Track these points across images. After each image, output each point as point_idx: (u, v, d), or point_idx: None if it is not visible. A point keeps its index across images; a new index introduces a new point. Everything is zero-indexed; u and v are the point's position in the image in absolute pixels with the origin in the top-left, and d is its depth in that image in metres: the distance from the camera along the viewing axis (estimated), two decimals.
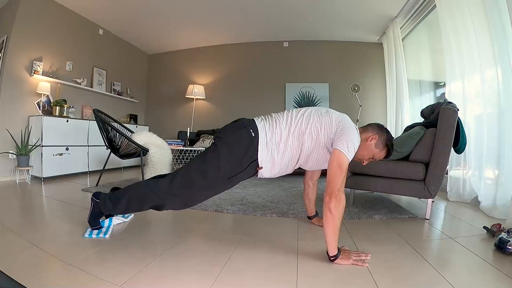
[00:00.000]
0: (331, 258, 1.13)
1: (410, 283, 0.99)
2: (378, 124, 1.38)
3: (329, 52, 4.78)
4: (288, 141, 1.22)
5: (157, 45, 5.18)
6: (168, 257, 1.16)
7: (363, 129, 1.35)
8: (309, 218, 1.70)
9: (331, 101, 4.72)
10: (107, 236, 1.37)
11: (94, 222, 1.42)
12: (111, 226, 1.49)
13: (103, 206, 1.35)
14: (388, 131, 1.36)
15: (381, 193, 2.29)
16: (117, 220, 1.56)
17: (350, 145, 1.15)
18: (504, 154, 1.94)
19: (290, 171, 1.33)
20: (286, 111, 1.32)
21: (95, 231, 1.41)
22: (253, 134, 1.20)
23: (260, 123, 1.24)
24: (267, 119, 1.27)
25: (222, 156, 1.18)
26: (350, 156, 1.15)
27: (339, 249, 1.15)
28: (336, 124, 1.22)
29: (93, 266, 1.04)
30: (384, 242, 1.40)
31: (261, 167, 1.22)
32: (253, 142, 1.19)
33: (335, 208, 1.10)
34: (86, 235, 1.38)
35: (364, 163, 1.37)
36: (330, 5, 3.58)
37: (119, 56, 4.77)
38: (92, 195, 1.41)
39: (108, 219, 1.52)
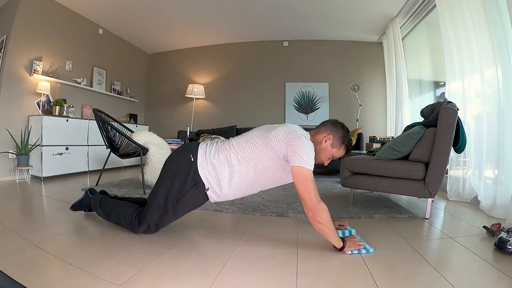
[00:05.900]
0: (340, 250, 1.19)
1: (410, 283, 0.99)
2: (332, 120, 1.34)
3: (329, 51, 4.77)
4: (234, 166, 1.25)
5: (157, 45, 5.17)
6: (167, 256, 1.16)
7: (316, 131, 1.33)
8: None
9: (331, 101, 4.73)
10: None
11: (76, 209, 1.66)
12: None
13: (93, 205, 1.55)
14: (344, 126, 1.32)
15: (381, 192, 2.29)
16: None
17: (305, 157, 1.15)
18: (504, 153, 1.94)
19: (249, 193, 1.35)
20: (231, 138, 1.36)
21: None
22: (192, 159, 1.29)
23: (201, 148, 1.31)
24: (211, 145, 1.32)
25: (167, 180, 1.30)
26: (310, 166, 1.16)
27: (343, 240, 1.20)
28: (281, 141, 1.20)
29: (93, 266, 1.04)
30: (384, 242, 1.39)
31: (207, 188, 1.28)
32: (193, 166, 1.27)
33: (321, 217, 1.15)
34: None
35: (326, 164, 1.36)
36: (330, 5, 3.57)
37: (119, 55, 4.77)
38: (88, 189, 1.64)
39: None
